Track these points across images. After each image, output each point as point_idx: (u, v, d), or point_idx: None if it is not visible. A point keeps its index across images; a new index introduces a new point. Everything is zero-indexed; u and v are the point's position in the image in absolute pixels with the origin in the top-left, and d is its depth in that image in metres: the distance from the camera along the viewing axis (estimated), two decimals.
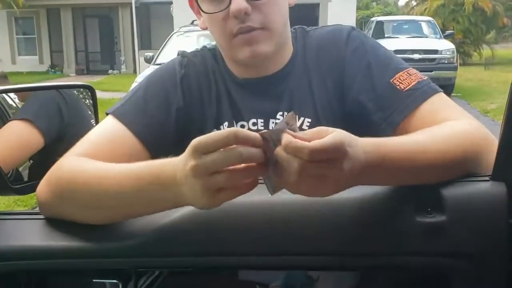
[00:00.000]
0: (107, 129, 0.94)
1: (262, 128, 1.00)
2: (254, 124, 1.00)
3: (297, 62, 1.00)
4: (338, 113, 0.97)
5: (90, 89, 1.17)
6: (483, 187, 0.70)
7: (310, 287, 0.94)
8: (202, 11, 0.96)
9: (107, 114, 0.97)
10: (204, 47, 1.08)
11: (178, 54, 1.07)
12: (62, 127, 1.17)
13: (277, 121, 0.99)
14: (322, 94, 0.98)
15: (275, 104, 0.99)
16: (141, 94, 0.99)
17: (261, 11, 0.91)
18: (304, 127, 0.98)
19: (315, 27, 1.07)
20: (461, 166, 0.74)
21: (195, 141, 0.61)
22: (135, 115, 0.95)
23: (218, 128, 1.00)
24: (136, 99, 0.98)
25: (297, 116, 0.98)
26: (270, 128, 0.99)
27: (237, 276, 0.98)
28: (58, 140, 1.16)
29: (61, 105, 1.17)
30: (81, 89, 1.23)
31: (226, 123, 1.00)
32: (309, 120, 0.98)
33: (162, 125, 0.96)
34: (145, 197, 0.70)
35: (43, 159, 1.12)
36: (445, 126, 0.80)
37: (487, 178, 0.71)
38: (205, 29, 1.00)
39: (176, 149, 0.98)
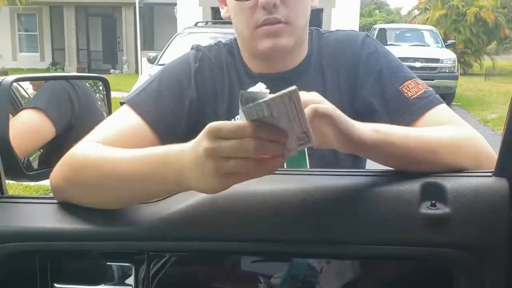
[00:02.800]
0: (122, 118, 0.96)
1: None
2: None
3: (312, 62, 1.04)
4: (348, 113, 1.00)
5: (104, 81, 1.19)
6: (486, 182, 0.73)
7: (313, 279, 0.96)
8: None
9: (121, 103, 0.99)
10: (219, 42, 1.10)
11: (192, 48, 1.09)
12: (72, 117, 1.19)
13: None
14: (334, 93, 1.01)
15: None
16: (155, 86, 1.01)
17: (288, 6, 0.95)
18: None
19: (329, 31, 1.11)
20: (442, 160, 0.80)
21: (212, 125, 0.63)
22: (149, 105, 0.97)
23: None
24: (150, 90, 1.00)
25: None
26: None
27: (240, 267, 1.00)
28: (68, 129, 1.18)
29: (71, 95, 1.19)
30: (94, 81, 1.25)
31: (238, 117, 1.01)
32: None
33: (175, 116, 0.98)
34: (149, 178, 0.73)
35: (53, 149, 1.15)
36: (441, 127, 0.88)
37: (489, 174, 0.74)
38: (228, 18, 1.04)
39: (186, 141, 1.01)
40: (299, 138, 0.65)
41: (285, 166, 1.02)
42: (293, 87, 0.62)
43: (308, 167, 1.03)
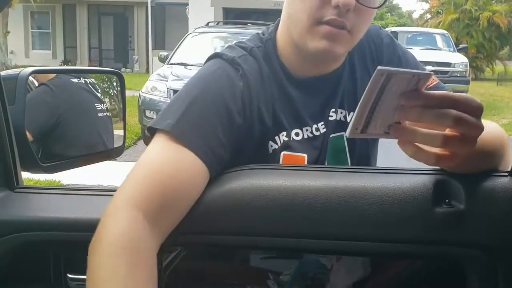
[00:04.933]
0: (168, 153, 0.78)
1: (325, 131, 0.97)
2: (317, 129, 0.97)
3: (347, 61, 1.01)
4: None
5: (118, 76, 1.19)
6: (502, 182, 0.72)
7: (323, 276, 0.96)
8: None
9: (152, 129, 0.82)
10: (252, 48, 0.96)
11: (216, 57, 0.95)
12: (51, 116, 1.15)
13: (330, 118, 0.98)
14: (365, 82, 0.99)
15: (330, 102, 0.99)
16: (199, 110, 0.84)
17: (358, 16, 0.87)
18: None
19: None
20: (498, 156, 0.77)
21: None
22: (198, 135, 0.80)
23: (274, 141, 0.94)
24: (193, 115, 0.83)
25: (347, 112, 0.99)
26: (325, 130, 0.98)
27: (251, 263, 1.00)
28: (53, 128, 1.15)
29: (47, 98, 1.15)
30: (108, 75, 1.26)
31: (284, 133, 0.94)
32: None
33: (222, 146, 0.83)
34: None
35: (53, 143, 1.14)
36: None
37: (505, 174, 0.74)
38: None
39: (230, 164, 0.86)
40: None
41: (325, 162, 0.99)
42: None
43: (349, 163, 1.01)
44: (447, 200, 0.71)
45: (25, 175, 0.96)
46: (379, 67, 0.58)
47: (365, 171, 0.80)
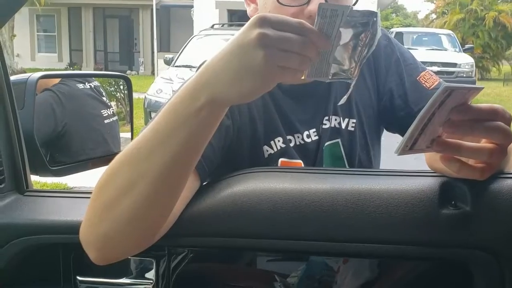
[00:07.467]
0: None
1: (317, 138, 0.96)
2: (308, 136, 0.97)
3: None
4: (376, 109, 1.00)
5: (125, 80, 1.20)
6: (508, 183, 0.72)
7: (330, 278, 0.96)
8: None
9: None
10: None
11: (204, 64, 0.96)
12: (57, 123, 1.17)
13: (324, 126, 0.97)
14: (363, 91, 0.98)
15: (322, 109, 0.98)
16: None
17: None
18: (349, 128, 0.98)
19: None
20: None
21: (262, 14, 0.58)
22: None
23: (269, 145, 0.94)
24: None
25: (342, 119, 0.97)
26: (317, 138, 0.96)
27: (256, 266, 1.01)
28: (59, 136, 1.17)
29: (54, 105, 1.17)
30: (116, 79, 1.27)
31: (279, 138, 0.94)
32: (354, 120, 0.98)
33: (211, 144, 0.82)
34: (180, 118, 0.63)
35: (56, 148, 1.16)
36: None
37: (511, 176, 0.74)
38: None
39: (219, 170, 0.88)
40: (340, 68, 0.68)
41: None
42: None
43: None
44: (453, 202, 0.72)
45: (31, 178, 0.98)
46: (445, 85, 0.56)
47: (371, 174, 0.80)
